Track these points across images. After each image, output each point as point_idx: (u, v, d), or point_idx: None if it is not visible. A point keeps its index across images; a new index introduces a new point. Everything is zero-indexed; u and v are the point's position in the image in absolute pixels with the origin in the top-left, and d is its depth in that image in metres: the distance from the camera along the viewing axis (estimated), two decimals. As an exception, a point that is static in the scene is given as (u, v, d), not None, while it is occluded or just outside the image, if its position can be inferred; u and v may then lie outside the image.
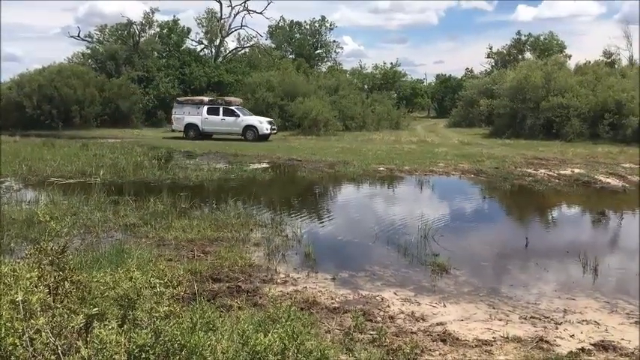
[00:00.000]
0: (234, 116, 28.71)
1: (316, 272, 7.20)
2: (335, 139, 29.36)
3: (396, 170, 17.68)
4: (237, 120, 28.63)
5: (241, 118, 28.66)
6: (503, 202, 14.19)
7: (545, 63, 32.54)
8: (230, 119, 28.69)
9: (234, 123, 28.59)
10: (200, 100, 30.58)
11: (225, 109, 29.06)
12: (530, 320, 5.75)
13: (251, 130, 28.18)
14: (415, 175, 16.93)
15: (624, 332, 5.47)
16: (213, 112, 29.10)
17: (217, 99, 30.62)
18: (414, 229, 9.68)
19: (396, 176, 17.02)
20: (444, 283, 7.02)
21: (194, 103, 30.04)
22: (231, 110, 28.98)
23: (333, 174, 17.28)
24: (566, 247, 8.99)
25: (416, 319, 5.65)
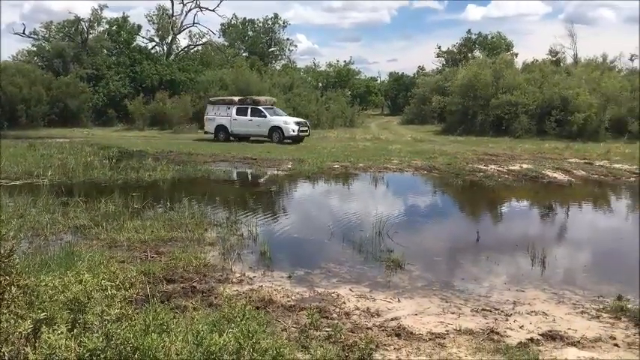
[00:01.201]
0: (261, 117, 26.86)
1: (272, 271, 7.19)
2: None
3: (350, 167, 17.81)
4: (264, 121, 26.75)
5: (268, 119, 26.77)
6: (455, 198, 14.48)
7: (494, 61, 33.32)
8: (258, 120, 26.88)
9: (262, 124, 26.76)
10: (230, 100, 28.82)
11: (253, 109, 27.26)
12: (481, 313, 5.89)
13: (277, 131, 26.29)
14: (369, 172, 17.09)
15: (571, 322, 5.66)
16: (241, 112, 27.39)
17: (247, 98, 28.48)
18: (369, 225, 9.76)
19: (350, 173, 17.14)
20: (399, 278, 7.12)
21: (224, 103, 28.40)
22: (259, 110, 27.10)
23: (288, 172, 17.28)
24: (515, 241, 9.23)
25: (371, 315, 5.71)
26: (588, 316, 5.87)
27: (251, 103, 27.52)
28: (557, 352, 4.83)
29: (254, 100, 27.94)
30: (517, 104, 28.46)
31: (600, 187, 15.20)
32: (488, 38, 52.84)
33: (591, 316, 5.84)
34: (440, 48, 55.89)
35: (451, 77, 36.10)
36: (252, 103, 27.43)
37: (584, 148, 22.04)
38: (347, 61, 55.87)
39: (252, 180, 16.60)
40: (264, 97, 29.70)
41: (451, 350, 4.82)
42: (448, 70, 43.12)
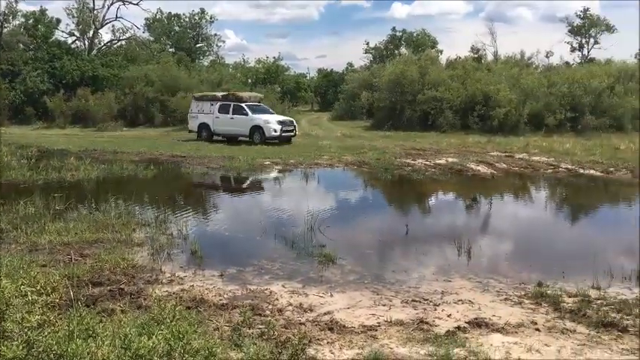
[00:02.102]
0: (242, 115, 24.07)
1: (203, 270, 7.08)
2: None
3: (281, 164, 17.78)
4: (245, 119, 23.93)
5: (249, 117, 23.87)
6: (384, 192, 14.72)
7: (419, 58, 34.09)
8: (239, 118, 24.10)
9: (243, 123, 23.93)
10: (213, 96, 26.49)
11: (235, 106, 24.53)
12: (411, 304, 6.04)
13: (258, 131, 23.53)
14: (301, 167, 17.12)
15: (495, 309, 5.89)
16: (224, 110, 24.79)
17: (229, 94, 26.05)
18: (301, 221, 9.79)
19: (281, 169, 17.11)
20: (331, 273, 7.18)
21: (208, 99, 26.02)
22: (241, 108, 24.32)
23: (219, 169, 17.06)
24: (442, 233, 9.52)
25: (304, 310, 5.73)
26: (511, 302, 6.13)
27: (233, 99, 25.12)
28: (483, 339, 5.01)
29: (236, 96, 25.57)
30: (442, 100, 29.28)
31: (521, 178, 15.88)
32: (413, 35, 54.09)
33: (514, 303, 6.10)
34: (368, 44, 56.75)
35: (379, 73, 36.61)
36: (235, 100, 24.98)
37: (505, 142, 22.92)
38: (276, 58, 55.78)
39: (182, 178, 16.27)
40: (249, 93, 27.55)
41: (383, 342, 4.90)
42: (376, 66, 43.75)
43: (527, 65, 36.86)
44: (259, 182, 15.61)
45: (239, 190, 14.90)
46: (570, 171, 16.26)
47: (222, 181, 16.02)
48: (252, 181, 15.70)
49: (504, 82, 29.16)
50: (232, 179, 16.04)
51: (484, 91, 28.68)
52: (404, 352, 4.65)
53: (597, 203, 13.33)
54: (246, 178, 15.93)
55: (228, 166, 17.20)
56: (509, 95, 27.95)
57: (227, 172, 16.71)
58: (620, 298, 6.17)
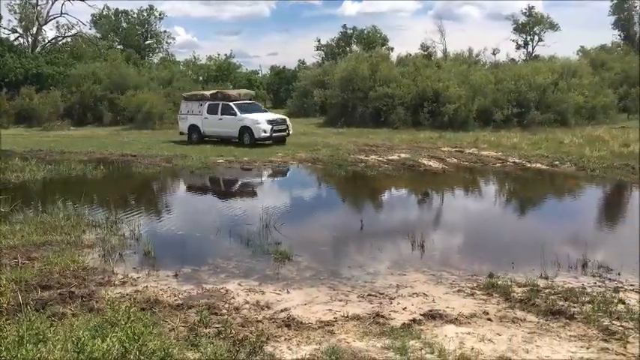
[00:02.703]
0: (231, 115, 22.15)
1: (157, 270, 6.98)
2: (171, 133, 28.43)
3: (235, 161, 17.64)
4: (234, 119, 22.04)
5: (238, 117, 21.93)
6: (339, 188, 14.79)
7: (370, 55, 34.34)
8: (228, 119, 22.22)
9: (232, 123, 22.06)
10: (202, 95, 24.62)
11: (223, 105, 22.63)
12: (367, 298, 6.10)
13: (247, 132, 21.69)
14: (255, 165, 17.03)
15: (449, 301, 6.02)
16: (212, 110, 22.87)
17: (217, 93, 24.09)
18: (256, 218, 9.74)
19: (235, 167, 16.99)
20: (287, 270, 7.19)
21: (197, 99, 24.13)
22: (229, 107, 22.37)
23: (171, 168, 16.81)
24: (396, 227, 9.64)
25: (261, 308, 5.72)
26: (464, 294, 6.27)
27: (221, 98, 23.19)
28: (437, 330, 5.12)
29: (224, 94, 23.67)
30: (394, 96, 29.58)
31: (471, 173, 16.23)
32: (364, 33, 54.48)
33: (467, 294, 6.25)
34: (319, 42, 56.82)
35: (331, 71, 36.71)
36: (222, 99, 23.11)
37: (455, 137, 23.35)
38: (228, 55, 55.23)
39: (134, 178, 15.94)
40: (238, 91, 25.39)
41: (340, 336, 4.94)
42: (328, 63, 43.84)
43: (476, 62, 37.66)
44: (212, 181, 15.46)
45: (192, 188, 14.72)
46: (518, 165, 16.70)
47: (175, 181, 15.79)
48: (205, 179, 15.53)
49: (454, 79, 29.68)
50: (185, 178, 15.82)
51: (434, 87, 29.13)
52: (361, 346, 4.70)
53: (544, 195, 13.75)
54: (199, 176, 15.73)
55: (180, 165, 16.96)
56: (458, 91, 28.47)
57: (179, 171, 16.47)
58: (567, 287, 6.39)
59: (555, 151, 18.26)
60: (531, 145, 20.01)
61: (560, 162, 16.58)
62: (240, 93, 24.41)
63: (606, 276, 6.89)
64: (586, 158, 16.72)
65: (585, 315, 5.48)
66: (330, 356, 4.42)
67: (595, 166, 15.57)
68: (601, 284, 6.58)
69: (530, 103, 28.38)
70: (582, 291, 6.26)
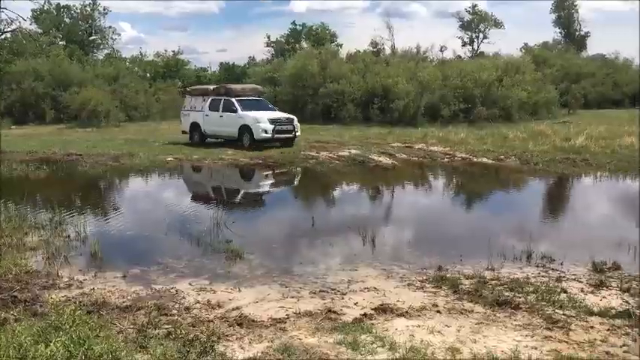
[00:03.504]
0: (232, 112, 19.89)
1: (104, 272, 6.81)
2: (118, 131, 27.78)
3: (185, 160, 17.40)
4: (234, 117, 19.74)
5: (239, 115, 19.60)
6: (290, 185, 14.81)
7: (320, 52, 34.46)
8: (228, 116, 19.96)
9: (232, 121, 19.77)
10: (205, 89, 22.39)
11: (225, 101, 20.30)
12: (319, 294, 6.13)
13: (248, 131, 19.30)
14: (205, 163, 16.83)
15: (399, 294, 6.11)
16: (214, 106, 20.66)
17: (221, 87, 21.73)
18: (207, 217, 9.63)
19: (185, 166, 16.75)
20: (239, 268, 7.14)
21: (199, 93, 22.10)
22: (231, 103, 20.06)
23: (119, 167, 16.42)
24: (348, 223, 9.69)
25: (212, 307, 5.66)
26: (414, 287, 6.37)
27: (224, 93, 20.85)
28: (388, 324, 5.18)
29: (227, 89, 21.16)
30: (343, 93, 29.78)
31: (420, 168, 16.51)
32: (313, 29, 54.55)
33: (417, 288, 6.35)
34: (269, 38, 56.56)
35: (280, 67, 36.67)
36: (225, 94, 20.73)
37: (404, 133, 23.67)
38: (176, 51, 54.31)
39: (79, 178, 15.49)
40: (243, 86, 23.12)
41: (292, 333, 4.94)
42: (277, 60, 43.72)
43: (423, 59, 38.20)
44: (162, 179, 15.20)
45: (142, 187, 14.43)
46: (465, 159, 17.09)
47: (123, 179, 15.44)
48: (154, 178, 15.25)
49: (402, 76, 30.08)
50: (134, 177, 15.49)
51: (383, 84, 29.47)
52: (313, 342, 4.72)
53: (490, 189, 14.11)
54: (149, 175, 15.44)
55: (128, 164, 16.60)
56: (407, 88, 28.89)
57: (127, 169, 16.12)
58: (513, 278, 6.58)
59: (500, 146, 18.75)
60: (478, 140, 20.48)
61: (505, 156, 17.04)
62: (246, 88, 22.25)
63: (549, 266, 7.13)
64: (529, 152, 17.26)
65: (530, 304, 5.66)
66: (282, 353, 4.42)
67: (538, 160, 16.09)
68: (544, 274, 6.80)
69: (476, 99, 29.06)
70: (527, 281, 6.46)
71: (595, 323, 5.22)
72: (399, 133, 23.56)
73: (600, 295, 6.04)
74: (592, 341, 4.80)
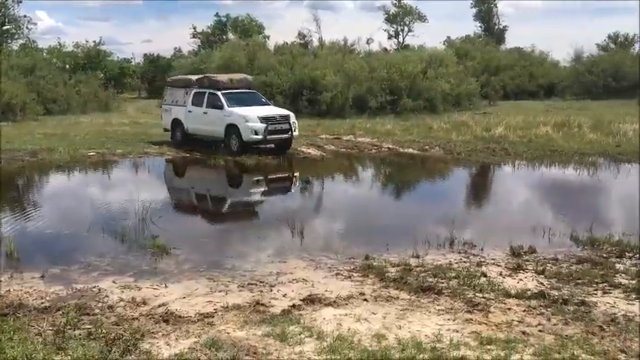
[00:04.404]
0: (217, 108, 16.74)
1: (21, 272, 6.51)
2: (36, 125, 26.46)
3: (108, 154, 16.80)
4: (219, 115, 16.58)
5: (225, 112, 16.44)
6: (217, 178, 14.60)
7: (247, 44, 34.17)
8: (213, 113, 16.79)
9: (217, 120, 16.61)
10: (187, 80, 18.94)
11: (210, 95, 17.17)
12: (247, 287, 6.11)
13: (235, 132, 16.15)
14: (129, 157, 16.34)
15: (327, 285, 6.18)
16: (198, 100, 17.50)
17: (204, 77, 18.35)
18: (132, 213, 9.36)
19: (108, 160, 16.19)
20: (165, 264, 7.01)
21: (181, 85, 18.78)
22: (216, 98, 16.89)
23: (37, 163, 15.65)
24: (276, 215, 9.70)
25: (137, 305, 5.53)
26: (342, 277, 6.47)
27: (208, 85, 17.62)
28: (316, 314, 5.24)
29: (211, 80, 17.81)
30: (272, 85, 29.65)
31: (348, 159, 16.70)
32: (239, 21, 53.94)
33: (344, 277, 6.45)
34: (195, 29, 55.47)
35: (207, 59, 36.09)
36: (209, 86, 17.51)
37: (333, 125, 23.83)
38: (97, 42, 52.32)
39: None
40: (229, 76, 18.96)
41: (220, 327, 4.91)
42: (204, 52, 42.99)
43: (350, 51, 38.59)
44: (83, 175, 14.64)
45: (62, 183, 13.84)
46: (392, 150, 17.42)
47: (41, 176, 14.74)
48: (75, 174, 14.67)
49: (330, 68, 30.27)
50: (52, 173, 14.83)
51: (311, 76, 29.53)
52: (241, 336, 4.70)
53: (416, 179, 14.48)
54: (69, 170, 14.83)
55: (47, 160, 15.87)
56: (334, 80, 29.10)
57: (46, 165, 15.40)
58: (436, 264, 6.80)
59: (425, 137, 19.24)
60: (404, 131, 20.92)
61: (429, 147, 17.50)
62: (233, 78, 18.33)
63: (471, 252, 7.42)
64: (453, 142, 17.82)
65: (452, 289, 5.86)
66: (209, 348, 4.38)
67: (461, 150, 16.64)
68: (466, 260, 7.07)
69: (402, 90, 29.65)
70: (449, 267, 6.69)
71: (512, 305, 5.47)
72: (327, 125, 23.70)
73: (517, 278, 6.34)
74: (509, 322, 5.03)
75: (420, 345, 4.47)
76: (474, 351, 4.38)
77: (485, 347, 4.45)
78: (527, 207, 10.85)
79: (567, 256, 7.15)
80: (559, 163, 14.93)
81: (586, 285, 6.05)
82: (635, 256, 7.14)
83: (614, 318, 5.12)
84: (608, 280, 6.17)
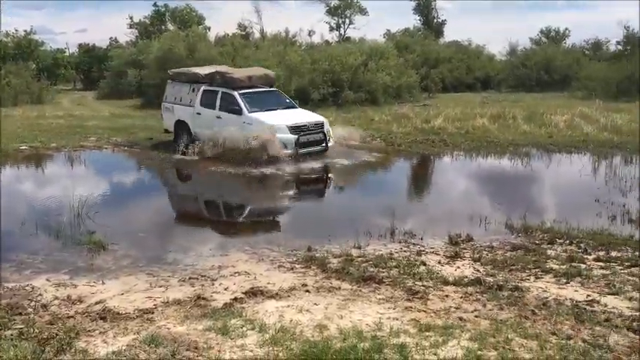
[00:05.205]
0: (234, 112, 14.04)
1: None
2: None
3: (41, 148, 16.18)
4: (238, 121, 13.84)
5: (245, 117, 13.82)
6: (158, 172, 14.28)
7: (187, 35, 33.54)
8: (230, 119, 14.00)
9: (235, 128, 13.75)
10: (194, 74, 15.90)
11: (224, 95, 14.57)
12: (189, 282, 6.03)
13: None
14: (64, 151, 15.79)
15: (270, 277, 6.18)
16: (208, 100, 14.94)
17: (216, 73, 15.22)
18: (67, 208, 9.05)
19: (42, 154, 15.60)
20: (102, 260, 6.83)
21: (186, 80, 15.97)
22: (232, 98, 14.30)
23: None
24: (219, 208, 9.61)
25: (73, 303, 5.38)
26: (284, 269, 6.48)
27: (221, 82, 14.88)
28: (258, 306, 5.23)
29: (224, 76, 14.91)
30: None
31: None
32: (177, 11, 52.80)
33: (287, 269, 6.46)
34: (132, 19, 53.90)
35: (145, 50, 35.22)
36: (223, 83, 14.80)
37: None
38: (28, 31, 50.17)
39: None
40: (247, 71, 16.40)
41: (160, 323, 4.83)
42: (142, 42, 41.88)
43: (292, 43, 38.51)
44: (16, 170, 14.05)
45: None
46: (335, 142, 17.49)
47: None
48: (5, 168, 14.05)
49: (271, 59, 30.12)
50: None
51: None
52: (182, 331, 4.64)
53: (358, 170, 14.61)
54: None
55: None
56: (277, 72, 28.91)
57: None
58: (377, 254, 6.91)
59: (367, 128, 19.43)
60: (346, 123, 21.04)
61: (371, 138, 17.69)
62: (253, 75, 15.36)
63: (411, 241, 7.56)
64: (394, 134, 18.08)
65: (392, 278, 5.97)
66: (148, 344, 4.30)
67: (401, 141, 16.91)
68: (406, 249, 7.21)
69: (343, 83, 29.80)
70: (390, 257, 6.81)
71: (450, 292, 5.63)
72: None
73: (455, 266, 6.52)
74: (447, 309, 5.17)
75: (361, 334, 4.53)
76: (414, 338, 4.48)
77: (424, 334, 4.55)
78: (465, 197, 11.15)
79: (502, 244, 7.40)
80: (495, 154, 15.39)
81: (520, 271, 6.28)
82: (566, 242, 7.46)
83: (546, 302, 5.33)
84: (540, 265, 6.42)
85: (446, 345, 4.35)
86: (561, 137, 17.06)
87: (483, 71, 44.15)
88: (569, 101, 28.25)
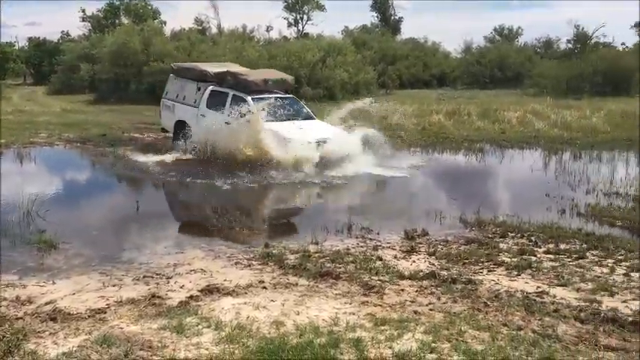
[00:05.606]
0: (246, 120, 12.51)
1: None
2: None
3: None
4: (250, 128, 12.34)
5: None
6: (112, 169, 13.98)
7: (142, 29, 32.95)
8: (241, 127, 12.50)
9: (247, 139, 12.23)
10: (200, 72, 14.57)
11: (235, 98, 13.23)
12: (143, 280, 5.92)
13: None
14: (13, 147, 15.29)
15: (226, 274, 6.12)
16: (216, 102, 13.62)
17: (226, 72, 13.92)
18: (16, 206, 8.76)
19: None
20: (53, 259, 6.65)
21: (192, 76, 14.67)
22: (245, 105, 12.84)
23: None
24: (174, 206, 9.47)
25: (22, 304, 5.21)
26: (241, 266, 6.43)
27: (232, 83, 13.58)
28: (214, 304, 5.18)
29: (237, 77, 13.61)
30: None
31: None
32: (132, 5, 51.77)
33: (244, 266, 6.41)
34: (84, 12, 52.56)
35: (99, 44, 34.46)
36: (235, 85, 13.52)
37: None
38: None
39: None
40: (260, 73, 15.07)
41: (113, 323, 4.73)
42: (95, 36, 40.92)
43: (250, 38, 38.33)
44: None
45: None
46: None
47: None
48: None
49: (229, 55, 29.86)
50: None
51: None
52: (135, 330, 4.56)
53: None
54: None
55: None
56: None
57: None
58: (335, 250, 6.93)
59: (325, 125, 19.45)
60: (304, 119, 21.05)
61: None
62: (269, 79, 13.93)
63: (368, 236, 7.61)
64: (351, 130, 18.15)
65: (349, 273, 6.00)
66: (100, 345, 4.21)
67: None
68: (363, 244, 7.25)
69: (301, 79, 29.82)
70: (347, 252, 6.84)
71: (406, 286, 5.69)
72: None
73: (411, 260, 6.60)
74: (403, 302, 5.23)
75: (318, 329, 4.54)
76: (369, 332, 4.51)
77: (380, 328, 4.60)
78: (421, 192, 11.30)
79: (457, 238, 7.53)
80: (450, 150, 15.66)
81: (473, 264, 6.41)
82: (517, 235, 7.65)
83: (498, 294, 5.46)
84: (492, 258, 6.57)
85: (401, 338, 4.40)
86: (514, 133, 17.50)
87: (439, 68, 44.89)
88: (522, 98, 28.99)
